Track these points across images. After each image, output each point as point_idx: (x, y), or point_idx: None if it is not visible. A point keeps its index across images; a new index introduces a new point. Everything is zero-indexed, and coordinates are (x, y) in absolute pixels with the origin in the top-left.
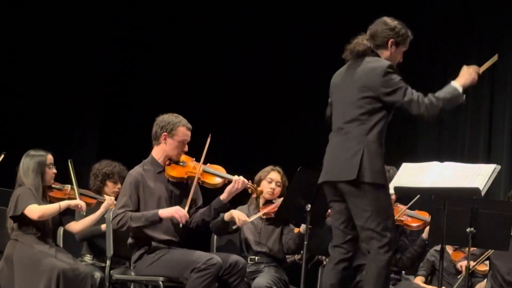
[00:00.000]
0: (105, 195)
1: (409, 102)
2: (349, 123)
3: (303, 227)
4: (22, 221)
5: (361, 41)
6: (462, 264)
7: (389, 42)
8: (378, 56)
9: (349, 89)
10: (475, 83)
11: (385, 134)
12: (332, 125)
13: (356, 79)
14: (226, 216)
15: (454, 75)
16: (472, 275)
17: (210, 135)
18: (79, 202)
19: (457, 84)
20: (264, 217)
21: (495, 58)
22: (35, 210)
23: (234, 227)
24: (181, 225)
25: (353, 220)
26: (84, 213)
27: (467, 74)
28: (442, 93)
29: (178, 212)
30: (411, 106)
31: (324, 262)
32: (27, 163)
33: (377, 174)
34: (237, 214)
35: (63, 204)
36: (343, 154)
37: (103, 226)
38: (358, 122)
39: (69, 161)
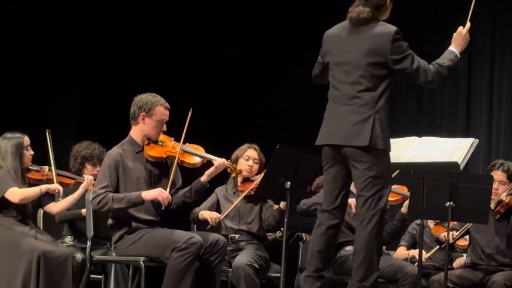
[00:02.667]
0: (84, 175)
1: (416, 70)
2: (357, 89)
3: (283, 203)
4: (2, 204)
5: (362, 8)
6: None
7: (388, 1)
8: (377, 19)
9: (355, 54)
10: (469, 41)
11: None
12: (333, 90)
13: (362, 44)
14: (200, 216)
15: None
16: (452, 249)
17: (191, 109)
18: (57, 186)
19: (456, 49)
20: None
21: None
22: (16, 193)
23: (208, 227)
24: (163, 207)
25: (347, 186)
26: (61, 198)
27: (461, 39)
28: (446, 60)
29: (161, 194)
30: (418, 74)
31: (304, 238)
32: (4, 146)
33: (387, 141)
34: (209, 214)
35: (44, 187)
36: (354, 118)
37: (83, 211)
38: (367, 88)
39: (47, 131)
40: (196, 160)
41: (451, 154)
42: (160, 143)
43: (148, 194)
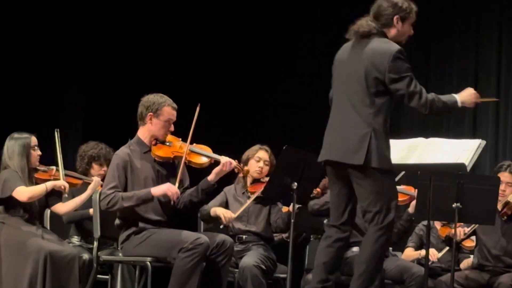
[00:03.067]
0: (91, 176)
1: (412, 93)
2: (356, 103)
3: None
4: (9, 203)
5: (365, 22)
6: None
7: (394, 19)
8: (385, 36)
9: (356, 69)
10: (471, 107)
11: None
12: (335, 101)
13: (363, 58)
14: (212, 212)
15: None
16: (459, 250)
17: (199, 104)
18: (63, 183)
19: (459, 99)
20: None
21: (494, 99)
22: (24, 192)
23: (221, 227)
24: (172, 202)
25: (352, 202)
26: (67, 195)
27: (469, 97)
28: (445, 98)
29: (171, 189)
30: (413, 97)
31: (311, 239)
32: (12, 146)
33: (383, 159)
34: (222, 212)
35: (49, 184)
36: (351, 135)
37: (91, 211)
38: (365, 103)
39: (55, 130)
40: (204, 160)
41: (458, 155)
42: (168, 143)
43: (158, 190)
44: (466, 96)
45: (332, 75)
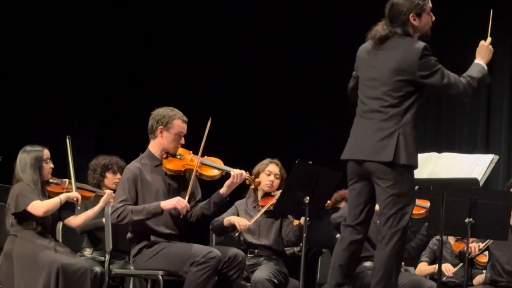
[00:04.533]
0: (104, 189)
1: (448, 84)
2: (383, 105)
3: (303, 219)
4: (22, 216)
5: (381, 27)
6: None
7: (410, 18)
8: (407, 34)
9: (382, 71)
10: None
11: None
12: (360, 105)
13: (390, 61)
14: (225, 221)
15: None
16: (472, 266)
17: (210, 118)
18: (76, 194)
19: (482, 62)
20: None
21: (490, 14)
22: (40, 206)
23: (236, 234)
24: (181, 215)
25: (371, 202)
26: (79, 207)
27: (486, 51)
28: (475, 72)
29: (180, 203)
30: (450, 87)
31: (323, 251)
32: (24, 158)
33: (411, 156)
34: (237, 220)
35: (63, 197)
36: (378, 134)
37: (104, 219)
38: (392, 104)
39: (67, 137)
40: (215, 172)
41: (470, 170)
42: (179, 157)
43: (167, 203)
44: (484, 54)
45: (356, 64)
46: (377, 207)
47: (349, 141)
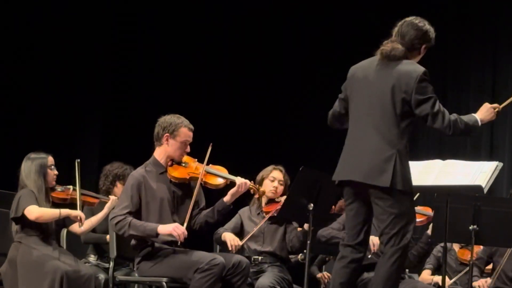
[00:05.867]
0: (109, 196)
1: (435, 114)
2: (381, 124)
3: (306, 225)
4: (25, 223)
5: (397, 45)
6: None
7: (422, 48)
8: (408, 58)
9: (382, 89)
10: (492, 120)
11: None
12: (354, 120)
13: (389, 80)
14: (222, 237)
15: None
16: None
17: (211, 144)
18: (79, 213)
19: (479, 117)
20: (267, 216)
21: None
22: (33, 211)
23: (230, 250)
24: (179, 243)
25: (369, 222)
26: (83, 228)
27: (487, 111)
28: (466, 118)
29: (177, 230)
30: (436, 118)
31: (327, 259)
32: (29, 166)
33: (407, 181)
34: (230, 239)
35: (64, 212)
36: (375, 156)
37: (108, 237)
38: (390, 124)
39: (76, 161)
40: (219, 181)
41: (474, 178)
42: (184, 164)
43: (164, 229)
44: (484, 113)
45: (348, 83)
46: None
47: (342, 159)
